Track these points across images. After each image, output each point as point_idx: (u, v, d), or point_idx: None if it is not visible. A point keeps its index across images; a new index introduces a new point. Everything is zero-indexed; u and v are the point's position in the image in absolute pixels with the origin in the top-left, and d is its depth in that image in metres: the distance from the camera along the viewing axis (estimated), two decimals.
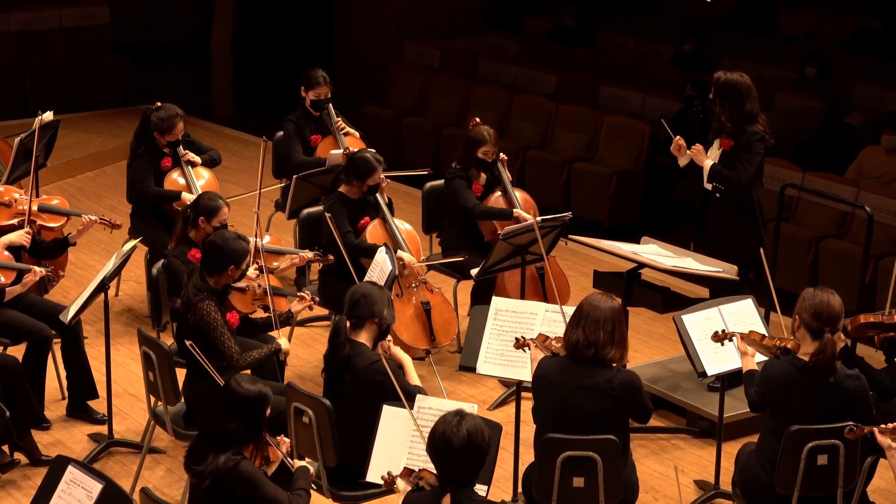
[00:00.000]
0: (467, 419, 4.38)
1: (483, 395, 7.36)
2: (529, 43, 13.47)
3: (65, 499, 4.57)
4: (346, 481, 5.47)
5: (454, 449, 4.32)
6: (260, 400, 4.80)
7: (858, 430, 5.05)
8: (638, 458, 6.14)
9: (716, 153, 7.04)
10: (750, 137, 6.90)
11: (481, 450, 4.36)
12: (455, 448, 4.32)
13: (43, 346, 6.71)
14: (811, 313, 5.26)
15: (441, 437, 4.35)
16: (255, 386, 4.82)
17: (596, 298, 5.21)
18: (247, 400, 4.78)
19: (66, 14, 13.38)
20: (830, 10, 13.27)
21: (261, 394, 4.81)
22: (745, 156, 6.90)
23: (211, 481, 4.70)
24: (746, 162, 6.89)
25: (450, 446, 4.33)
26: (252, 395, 4.79)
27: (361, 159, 7.30)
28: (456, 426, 4.34)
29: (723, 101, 6.91)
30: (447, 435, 4.33)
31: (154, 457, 6.55)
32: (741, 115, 6.88)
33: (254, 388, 4.81)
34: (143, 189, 7.90)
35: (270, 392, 4.89)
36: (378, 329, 5.53)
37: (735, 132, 6.91)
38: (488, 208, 7.63)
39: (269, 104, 13.14)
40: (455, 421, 4.36)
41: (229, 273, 6.00)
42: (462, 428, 4.33)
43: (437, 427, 4.38)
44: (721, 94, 6.92)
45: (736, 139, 6.92)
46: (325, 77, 8.48)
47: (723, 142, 6.98)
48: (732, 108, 6.89)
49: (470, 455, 4.34)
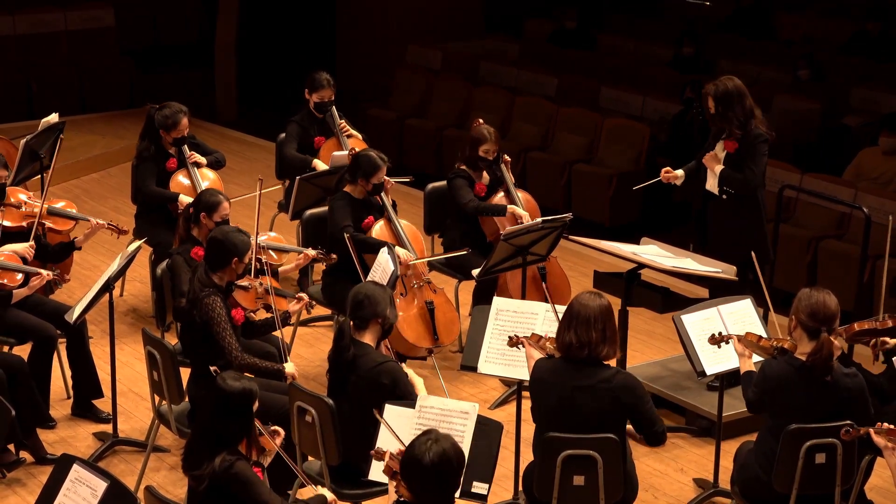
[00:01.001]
0: (441, 441, 4.27)
1: (484, 394, 7.41)
2: (530, 45, 13.52)
3: (70, 497, 4.58)
4: (349, 480, 5.51)
5: (425, 468, 4.23)
6: (246, 395, 4.80)
7: (854, 432, 5.07)
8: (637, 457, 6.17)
9: (720, 156, 7.10)
10: (755, 140, 6.96)
11: (452, 471, 4.26)
12: (425, 466, 4.23)
13: (48, 345, 6.74)
14: (807, 313, 5.28)
15: (411, 458, 4.26)
16: (240, 382, 4.82)
17: (584, 298, 5.22)
18: (232, 396, 4.78)
19: (72, 17, 13.41)
20: (828, 13, 13.32)
21: (245, 389, 4.80)
22: (752, 158, 6.96)
23: (208, 483, 4.71)
24: (754, 164, 6.96)
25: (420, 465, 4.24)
26: (237, 391, 4.79)
27: (366, 158, 7.35)
28: (428, 448, 4.24)
29: (725, 110, 6.95)
30: (417, 456, 4.24)
31: (158, 455, 6.58)
32: (745, 116, 6.96)
33: (238, 384, 4.81)
34: (143, 189, 7.94)
35: (256, 387, 4.88)
36: (381, 329, 5.55)
37: (739, 135, 6.98)
38: (483, 204, 7.67)
39: (272, 106, 13.18)
40: (428, 443, 4.26)
41: (233, 267, 6.02)
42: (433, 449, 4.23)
43: (409, 449, 4.29)
44: (723, 103, 6.94)
45: (740, 141, 6.98)
46: (328, 79, 8.52)
47: (727, 144, 7.03)
48: (735, 113, 6.95)
49: (440, 476, 4.24)
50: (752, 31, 13.00)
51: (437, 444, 4.24)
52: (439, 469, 4.22)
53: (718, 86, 6.98)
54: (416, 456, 4.23)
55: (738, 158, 6.99)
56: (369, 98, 13.02)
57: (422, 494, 4.27)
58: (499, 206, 7.65)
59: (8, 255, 6.72)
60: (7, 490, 6.32)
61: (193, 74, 14.16)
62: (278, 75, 13.89)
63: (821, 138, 10.85)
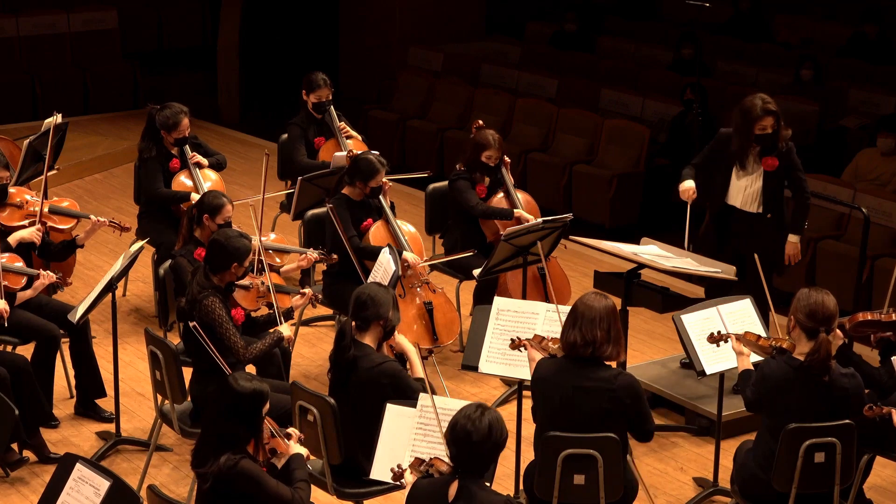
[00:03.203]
0: (489, 412, 4.49)
1: (485, 393, 7.43)
2: (531, 48, 13.55)
3: (73, 496, 4.58)
4: (351, 478, 5.53)
5: (474, 440, 4.42)
6: (257, 396, 4.79)
7: (878, 409, 5.16)
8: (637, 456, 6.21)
9: (756, 181, 7.00)
10: (792, 153, 6.97)
11: (498, 444, 4.48)
12: (474, 440, 4.42)
13: (52, 345, 6.76)
14: (806, 313, 5.31)
15: (462, 429, 4.45)
16: (251, 383, 4.81)
17: (590, 298, 5.26)
18: (243, 397, 4.77)
19: (76, 19, 13.43)
20: (826, 16, 13.37)
21: (256, 391, 4.79)
22: (799, 170, 7.01)
23: (213, 482, 4.71)
24: (803, 172, 7.03)
25: (469, 437, 4.43)
26: (248, 392, 4.78)
27: (365, 161, 7.37)
28: (478, 419, 4.45)
29: (780, 128, 6.86)
30: (468, 427, 4.44)
31: (161, 454, 6.61)
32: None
33: (249, 385, 4.79)
34: (153, 191, 7.94)
35: (267, 388, 4.88)
36: (383, 331, 5.57)
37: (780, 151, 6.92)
38: (490, 207, 7.71)
39: (275, 108, 13.21)
40: (478, 413, 4.47)
41: (232, 271, 6.05)
42: (484, 421, 4.45)
43: (459, 418, 4.48)
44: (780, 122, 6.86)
45: (781, 159, 6.94)
46: (325, 80, 8.53)
47: (769, 162, 6.94)
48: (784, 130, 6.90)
49: (487, 447, 4.45)
50: (750, 34, 13.04)
51: (487, 414, 4.47)
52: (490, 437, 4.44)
53: (774, 104, 6.85)
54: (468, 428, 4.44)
55: (780, 175, 6.98)
56: (371, 100, 13.06)
57: (464, 463, 4.47)
58: (506, 210, 7.68)
59: (11, 257, 6.75)
60: (10, 489, 6.34)
61: (196, 77, 14.19)
62: (281, 78, 13.91)
63: (819, 140, 10.90)
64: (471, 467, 4.48)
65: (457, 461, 4.50)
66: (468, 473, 4.47)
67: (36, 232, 6.88)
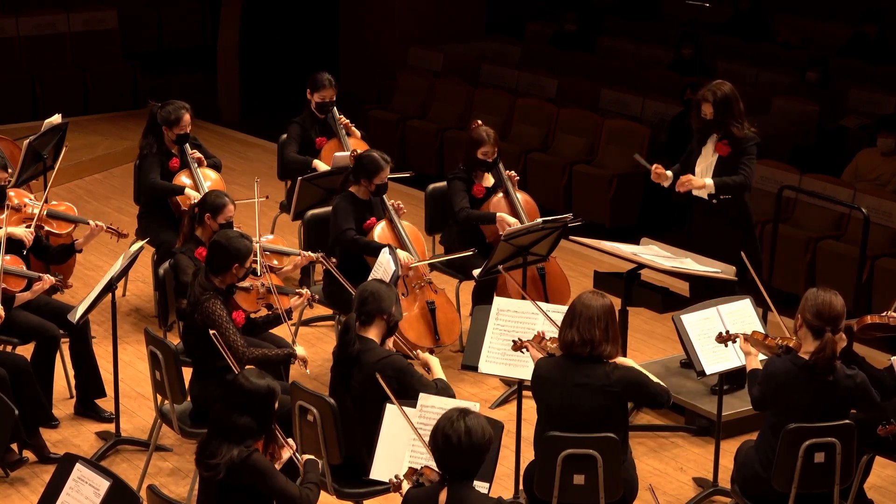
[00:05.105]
0: (469, 416, 4.46)
1: (485, 393, 7.44)
2: (531, 48, 13.55)
3: (73, 496, 4.59)
4: (352, 477, 5.54)
5: (453, 444, 4.41)
6: (268, 394, 4.82)
7: (892, 427, 5.20)
8: (637, 456, 6.20)
9: (710, 160, 7.09)
10: (748, 143, 6.99)
11: (480, 447, 4.44)
12: (454, 444, 4.41)
13: (51, 345, 6.77)
14: (813, 313, 5.33)
15: (441, 433, 4.44)
16: (264, 380, 4.84)
17: (587, 297, 5.28)
18: (255, 394, 4.80)
19: (76, 19, 13.43)
20: (826, 16, 13.37)
21: (269, 388, 4.83)
22: (747, 160, 6.98)
23: (225, 473, 4.72)
24: (749, 166, 6.98)
25: (449, 442, 4.42)
26: (261, 390, 4.81)
27: (369, 158, 7.38)
28: (456, 422, 4.44)
29: (725, 115, 6.95)
30: (447, 431, 4.43)
31: (161, 454, 6.62)
32: (741, 120, 6.98)
33: (262, 382, 4.83)
34: (148, 181, 7.93)
35: (278, 386, 4.92)
36: (386, 326, 5.58)
37: (733, 139, 7.00)
38: (473, 213, 7.68)
39: (275, 108, 13.22)
40: (456, 417, 4.46)
41: (233, 272, 6.07)
42: (461, 424, 4.42)
43: (439, 423, 4.47)
44: (722, 109, 6.93)
45: (733, 145, 7.00)
46: (330, 80, 8.54)
47: (720, 148, 7.02)
48: (734, 117, 6.96)
49: (468, 451, 4.42)
50: (750, 34, 13.04)
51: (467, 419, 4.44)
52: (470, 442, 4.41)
53: (717, 92, 6.95)
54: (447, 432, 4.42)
55: (730, 161, 7.01)
56: (371, 100, 13.06)
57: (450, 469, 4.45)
58: (488, 215, 7.68)
59: (12, 259, 6.75)
60: (10, 489, 6.35)
61: (196, 77, 14.20)
62: (281, 78, 13.92)
63: (819, 139, 10.90)
64: (457, 472, 4.46)
65: (442, 467, 4.48)
66: (456, 479, 4.46)
67: (28, 233, 6.86)
